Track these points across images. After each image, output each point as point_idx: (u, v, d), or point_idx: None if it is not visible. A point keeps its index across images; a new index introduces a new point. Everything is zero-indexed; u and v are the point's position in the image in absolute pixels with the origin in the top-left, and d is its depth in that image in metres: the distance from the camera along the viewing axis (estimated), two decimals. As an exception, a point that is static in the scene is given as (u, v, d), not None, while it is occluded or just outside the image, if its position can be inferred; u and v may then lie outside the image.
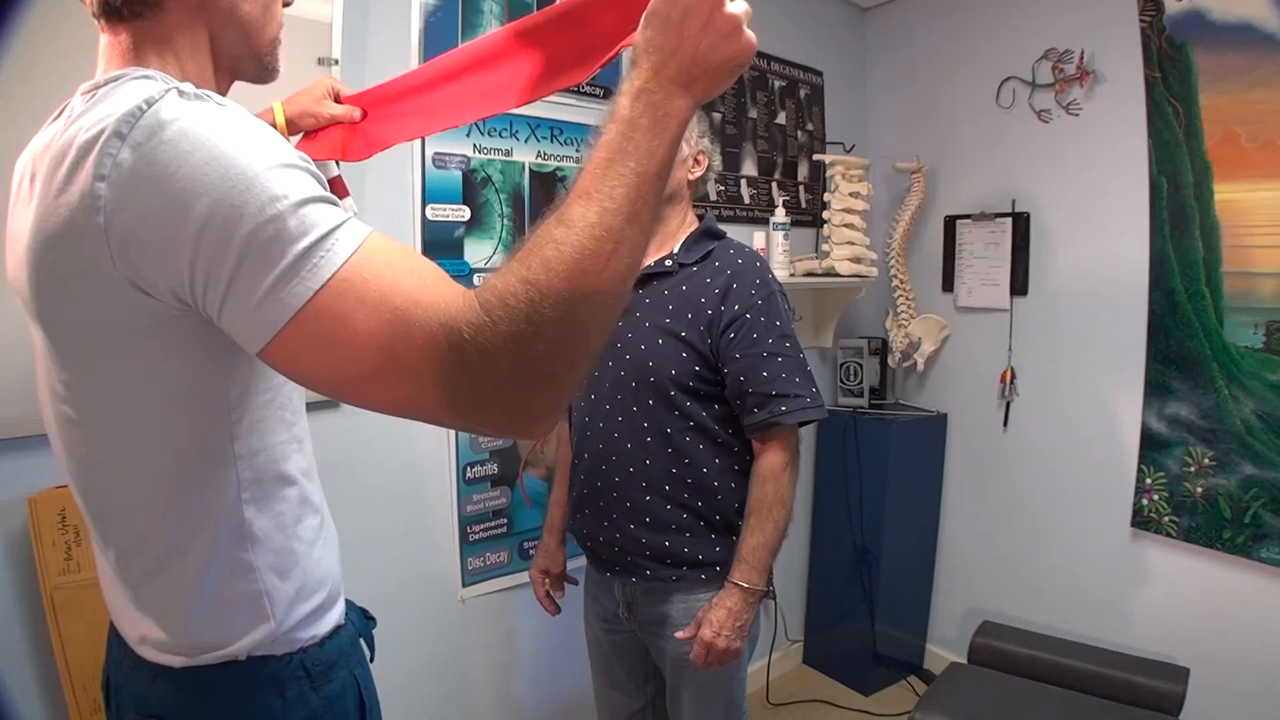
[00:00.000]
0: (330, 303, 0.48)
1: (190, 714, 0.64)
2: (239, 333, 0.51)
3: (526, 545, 1.75)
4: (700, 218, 1.34)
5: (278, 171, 0.50)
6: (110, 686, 0.73)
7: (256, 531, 0.64)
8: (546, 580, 1.48)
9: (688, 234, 1.30)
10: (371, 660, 0.80)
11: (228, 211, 0.48)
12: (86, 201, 0.51)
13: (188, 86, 0.55)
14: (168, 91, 0.53)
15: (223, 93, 0.67)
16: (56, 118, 0.61)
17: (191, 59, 0.64)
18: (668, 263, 1.27)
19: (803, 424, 1.21)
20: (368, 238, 0.51)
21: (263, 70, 0.71)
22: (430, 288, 0.50)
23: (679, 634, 1.22)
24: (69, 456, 0.64)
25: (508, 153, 1.66)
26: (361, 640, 0.79)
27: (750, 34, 0.63)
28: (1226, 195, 1.75)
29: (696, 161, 1.31)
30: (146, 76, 0.58)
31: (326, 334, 0.49)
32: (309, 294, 0.48)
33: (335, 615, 0.72)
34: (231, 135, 0.51)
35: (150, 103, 0.52)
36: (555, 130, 1.74)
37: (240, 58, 0.68)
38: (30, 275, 0.57)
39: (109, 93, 0.56)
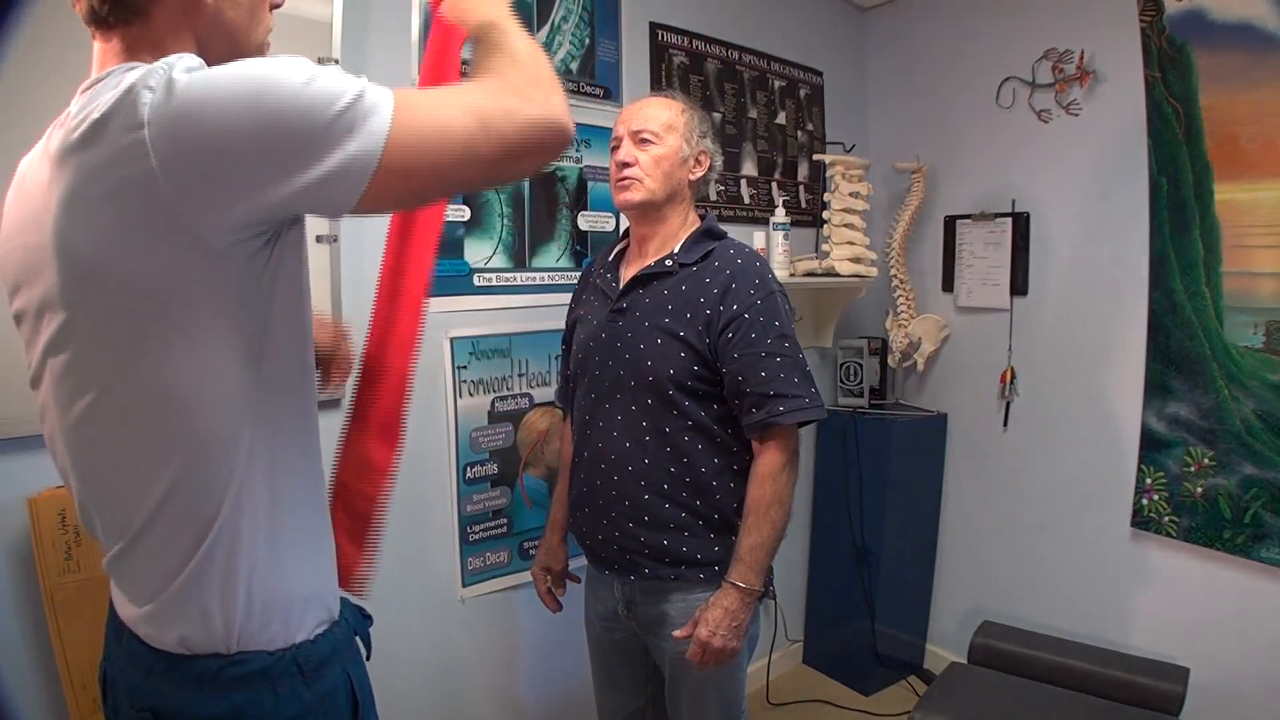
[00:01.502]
0: (403, 120, 0.59)
1: (182, 706, 0.65)
2: (335, 200, 0.59)
3: (526, 545, 1.75)
4: (702, 218, 1.34)
5: (300, 65, 0.57)
6: (107, 681, 0.74)
7: (247, 525, 0.64)
8: (548, 577, 1.48)
9: (688, 234, 1.30)
10: (368, 659, 0.80)
11: (288, 103, 0.55)
12: (131, 153, 0.54)
13: (194, 58, 0.59)
14: (182, 58, 0.57)
15: None
16: (59, 124, 0.63)
17: None
18: (668, 263, 1.27)
19: (801, 424, 1.21)
20: (391, 97, 0.60)
21: None
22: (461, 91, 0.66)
23: (676, 633, 1.22)
24: (73, 446, 0.66)
25: (508, 153, 1.65)
26: (358, 639, 0.79)
27: None
28: (1226, 195, 1.75)
29: (698, 161, 1.31)
30: (138, 66, 0.60)
31: (415, 146, 0.60)
32: (384, 132, 0.57)
33: (328, 612, 0.72)
34: (256, 65, 0.57)
35: (168, 64, 0.56)
36: (555, 130, 1.73)
37: (228, 62, 0.70)
38: (61, 252, 0.58)
39: (106, 85, 0.59)
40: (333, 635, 0.72)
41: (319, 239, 1.37)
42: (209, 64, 0.66)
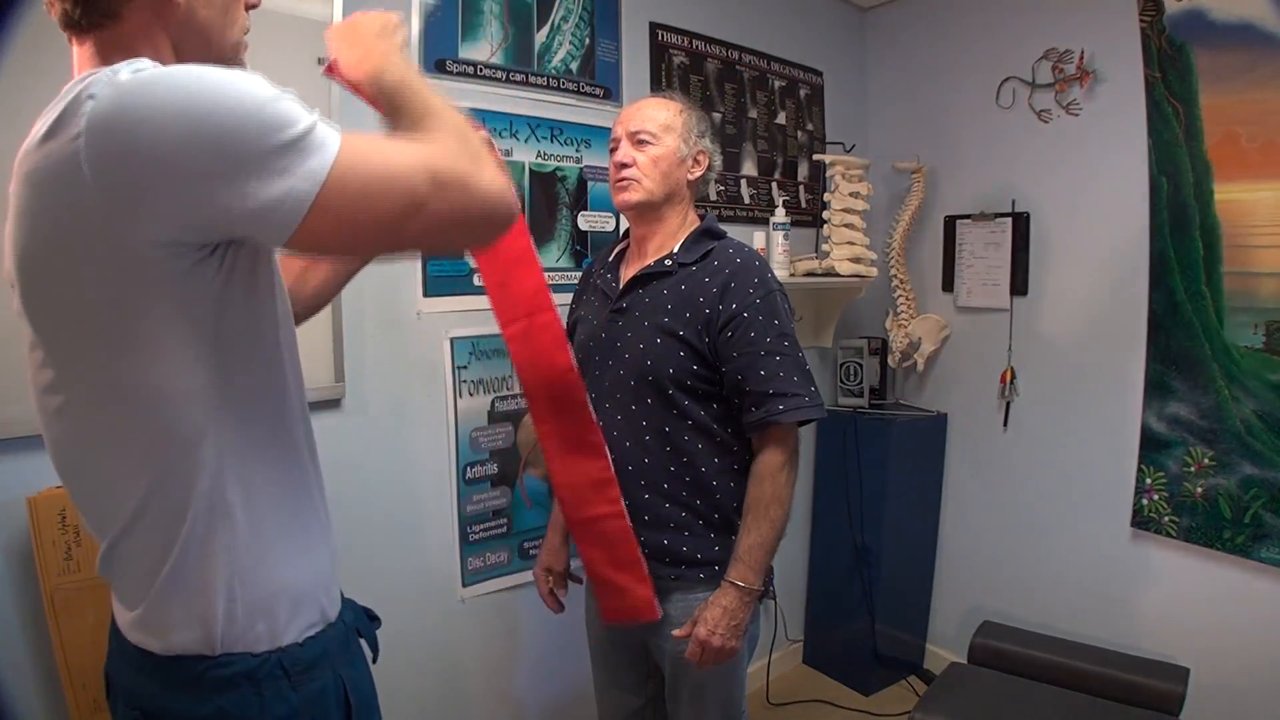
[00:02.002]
0: (347, 169, 0.58)
1: (168, 707, 0.65)
2: (268, 233, 0.58)
3: (527, 545, 1.75)
4: (701, 217, 1.34)
5: (254, 83, 0.57)
6: (109, 680, 0.75)
7: (223, 529, 0.64)
8: (550, 578, 1.48)
9: (688, 234, 1.30)
10: (375, 661, 0.79)
11: (229, 120, 0.55)
12: (68, 164, 0.54)
13: (145, 60, 0.58)
14: (130, 64, 0.56)
15: None
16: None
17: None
18: (667, 262, 1.27)
19: (801, 423, 1.21)
20: (342, 134, 0.60)
21: None
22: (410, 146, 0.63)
23: (676, 632, 1.22)
24: (55, 445, 0.66)
25: (507, 153, 1.66)
26: (363, 640, 0.79)
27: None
28: (1226, 195, 1.75)
29: (696, 161, 1.30)
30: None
31: (353, 198, 0.58)
32: (326, 169, 0.56)
33: (319, 616, 0.72)
34: (197, 71, 0.56)
35: (114, 70, 0.55)
36: (555, 130, 1.74)
37: (203, 62, 0.69)
38: (17, 261, 0.59)
39: (73, 87, 0.58)
40: (324, 637, 0.71)
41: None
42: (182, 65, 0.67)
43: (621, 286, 1.31)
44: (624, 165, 1.26)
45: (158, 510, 0.63)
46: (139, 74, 0.55)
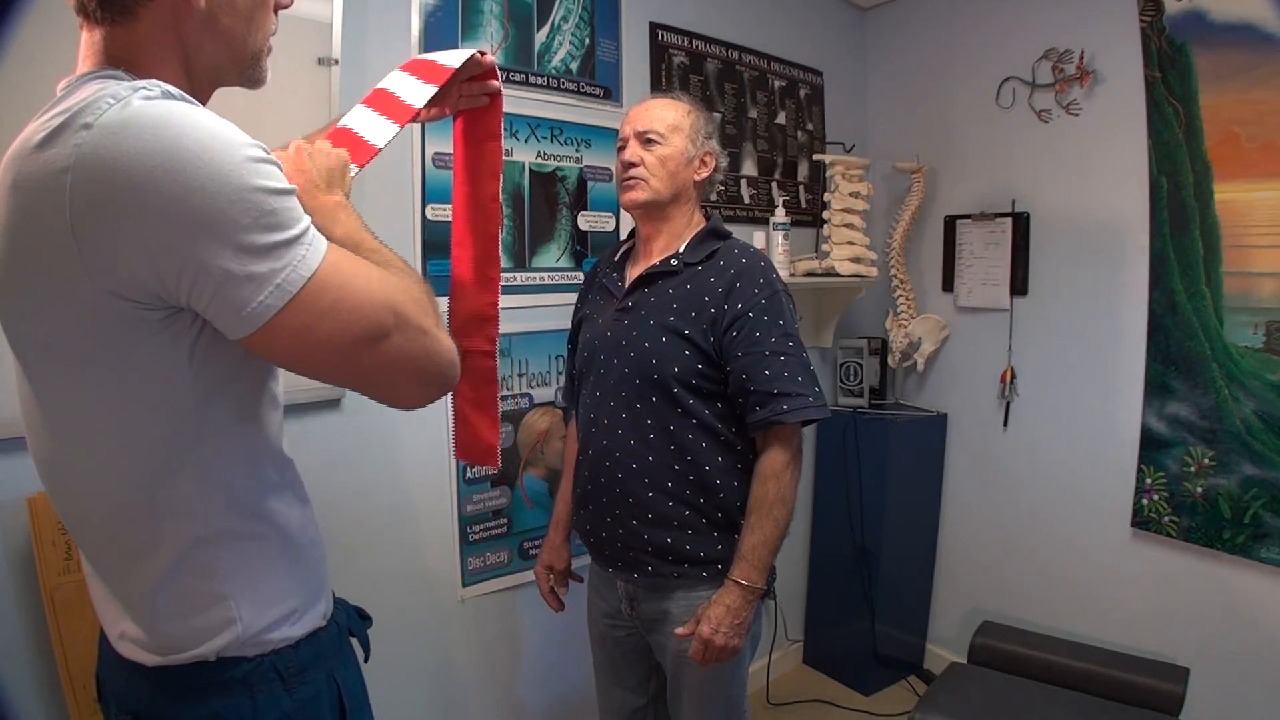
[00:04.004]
0: (320, 288, 0.57)
1: (164, 712, 0.65)
2: (228, 325, 0.56)
3: (527, 545, 1.75)
4: (707, 218, 1.35)
5: (250, 165, 0.55)
6: (100, 682, 0.75)
7: (223, 534, 0.64)
8: (551, 576, 1.48)
9: (694, 234, 1.31)
10: (366, 660, 0.79)
11: (207, 202, 0.52)
12: (51, 196, 0.52)
13: (152, 83, 0.56)
14: (137, 91, 0.54)
15: (203, 101, 0.67)
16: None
17: (163, 67, 0.63)
18: (673, 262, 1.27)
19: (805, 423, 1.21)
20: (328, 245, 0.60)
21: (246, 80, 0.71)
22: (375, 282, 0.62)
23: (678, 630, 1.22)
24: (38, 457, 0.66)
25: (508, 153, 1.65)
26: (355, 640, 0.78)
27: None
28: (1226, 195, 1.75)
29: (703, 162, 1.31)
30: (112, 76, 0.59)
31: (314, 320, 0.57)
32: (300, 281, 0.56)
33: (313, 619, 0.71)
34: (200, 129, 0.54)
35: (116, 97, 0.53)
36: (555, 130, 1.74)
37: (221, 67, 0.68)
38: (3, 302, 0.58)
39: (72, 90, 0.57)
40: (317, 641, 0.71)
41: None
42: (197, 69, 0.66)
43: (627, 286, 1.31)
44: (631, 165, 1.27)
45: (139, 525, 0.62)
46: (141, 115, 0.52)
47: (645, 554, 1.25)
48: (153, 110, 0.53)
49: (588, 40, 1.79)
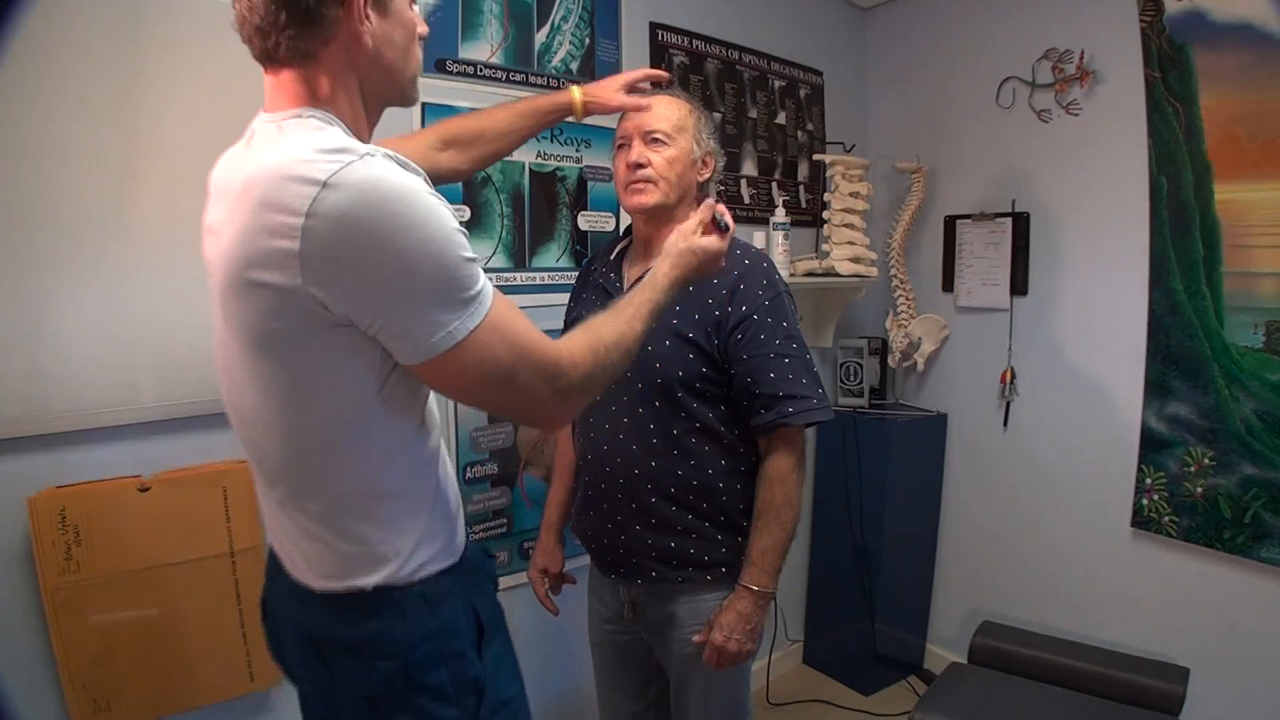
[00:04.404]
0: (480, 338, 0.71)
1: (330, 630, 0.79)
2: (402, 353, 0.70)
3: (526, 545, 1.75)
4: None
5: (454, 236, 0.68)
6: (267, 607, 0.91)
7: (383, 491, 0.78)
8: (546, 580, 1.48)
9: None
10: (496, 590, 0.94)
11: (408, 269, 0.65)
12: (288, 233, 0.63)
13: (375, 149, 0.67)
14: (365, 155, 0.65)
15: (373, 121, 0.81)
16: (246, 142, 0.75)
17: (345, 99, 0.75)
18: None
19: (809, 425, 1.21)
20: (497, 297, 0.74)
21: (405, 100, 0.83)
22: (539, 338, 0.77)
23: (695, 637, 1.22)
24: (242, 422, 0.79)
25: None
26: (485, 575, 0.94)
27: (722, 248, 1.03)
28: (1226, 195, 1.75)
29: (704, 163, 1.29)
30: (327, 119, 0.72)
31: (473, 360, 0.71)
32: (467, 332, 0.69)
33: (451, 555, 0.84)
34: (419, 206, 0.66)
35: (346, 157, 0.64)
36: (555, 130, 1.73)
37: (387, 93, 0.80)
38: (224, 280, 0.69)
39: (292, 129, 0.70)
40: (455, 571, 0.84)
41: None
42: (368, 98, 0.78)
43: (626, 288, 1.29)
44: (639, 165, 1.23)
45: (317, 479, 0.76)
46: (374, 186, 0.64)
47: (649, 559, 1.25)
48: (383, 184, 0.65)
49: (588, 40, 1.79)
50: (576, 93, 1.23)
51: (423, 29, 0.82)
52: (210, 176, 0.80)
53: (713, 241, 1.00)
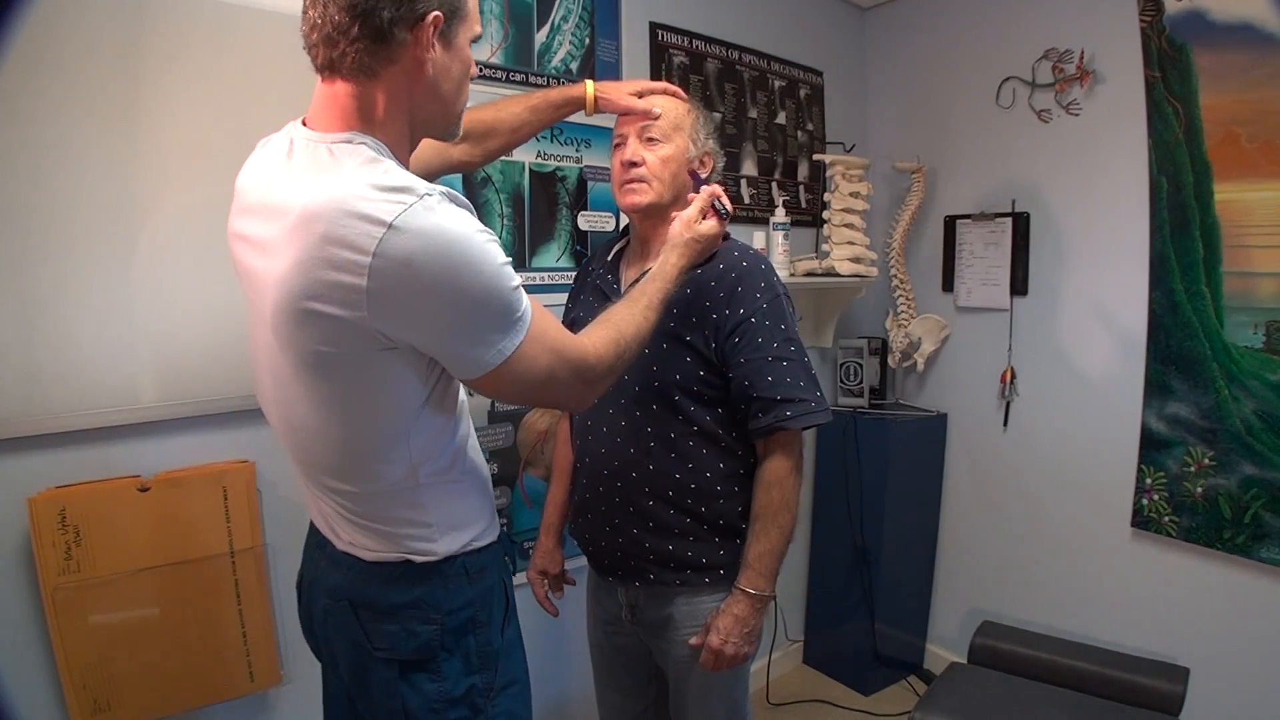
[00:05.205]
0: (525, 350, 0.78)
1: (376, 597, 0.85)
2: (459, 371, 0.78)
3: (526, 546, 1.75)
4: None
5: (503, 270, 0.74)
6: (304, 581, 0.97)
7: (427, 481, 0.84)
8: (545, 581, 1.47)
9: None
10: (514, 571, 1.00)
11: (468, 304, 0.72)
12: (354, 270, 0.67)
13: (433, 188, 0.71)
14: (425, 195, 0.69)
15: (413, 148, 0.83)
16: (287, 153, 0.76)
17: (394, 123, 0.77)
18: None
19: (807, 428, 1.20)
20: (536, 310, 0.80)
21: (446, 135, 0.87)
22: (568, 339, 0.85)
23: (692, 640, 1.21)
24: (292, 430, 0.84)
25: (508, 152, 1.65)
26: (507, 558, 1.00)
27: (720, 229, 1.14)
28: (1226, 195, 1.75)
29: (702, 163, 1.28)
30: (378, 148, 0.74)
31: (521, 370, 0.78)
32: (514, 348, 0.76)
33: (489, 536, 0.92)
34: (474, 249, 0.71)
35: (407, 199, 0.68)
36: (555, 130, 1.73)
37: (433, 123, 0.83)
38: (278, 303, 0.72)
39: (344, 155, 0.72)
40: (491, 549, 0.92)
41: None
42: (415, 125, 0.80)
43: (623, 289, 1.28)
44: (633, 164, 1.21)
45: (367, 471, 0.82)
46: (436, 232, 0.68)
47: (646, 562, 1.24)
48: (445, 232, 0.69)
49: (588, 40, 1.80)
50: (590, 86, 1.24)
51: (474, 70, 0.84)
52: (241, 180, 0.82)
53: (712, 226, 1.10)
